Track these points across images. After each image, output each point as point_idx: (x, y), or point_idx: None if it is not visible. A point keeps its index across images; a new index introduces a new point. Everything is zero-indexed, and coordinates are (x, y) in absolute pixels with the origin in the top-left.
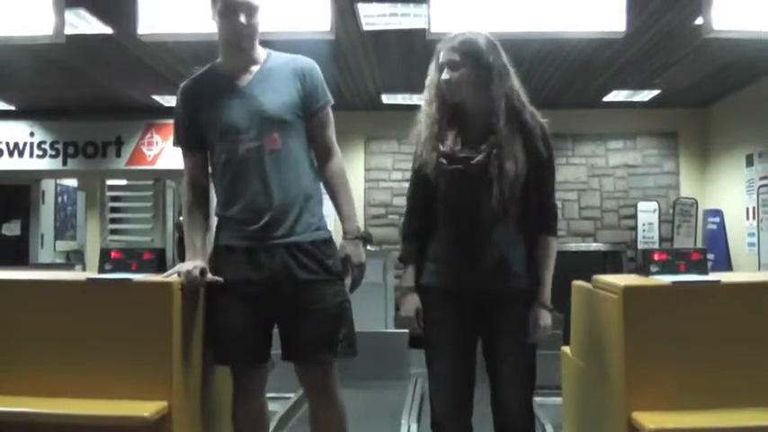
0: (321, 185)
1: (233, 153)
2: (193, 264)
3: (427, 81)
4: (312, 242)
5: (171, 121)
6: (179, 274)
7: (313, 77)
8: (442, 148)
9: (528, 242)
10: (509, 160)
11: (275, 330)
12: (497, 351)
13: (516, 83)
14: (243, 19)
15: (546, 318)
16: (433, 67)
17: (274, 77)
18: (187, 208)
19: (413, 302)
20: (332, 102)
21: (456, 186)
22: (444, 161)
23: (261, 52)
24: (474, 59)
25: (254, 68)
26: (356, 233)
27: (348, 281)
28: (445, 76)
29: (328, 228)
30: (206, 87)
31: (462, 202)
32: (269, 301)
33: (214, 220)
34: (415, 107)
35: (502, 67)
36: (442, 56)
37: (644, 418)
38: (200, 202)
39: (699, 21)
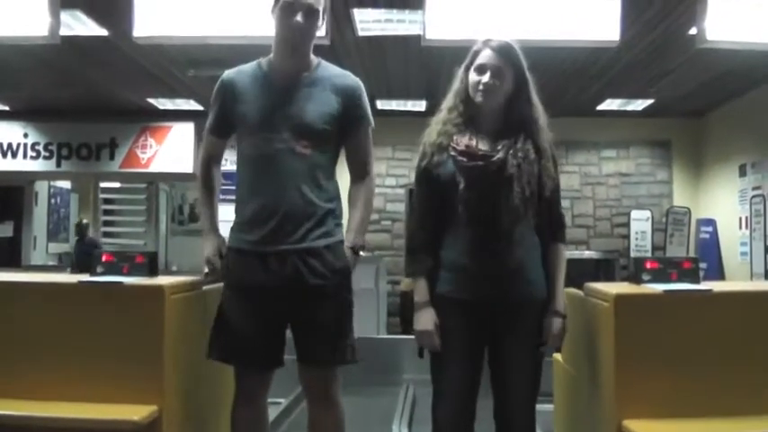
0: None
1: (261, 149)
2: (212, 247)
3: (454, 88)
4: (325, 246)
5: (165, 124)
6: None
7: (356, 97)
8: (458, 146)
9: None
10: (527, 159)
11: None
12: (507, 360)
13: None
14: (300, 18)
15: (560, 325)
16: (461, 72)
17: (319, 87)
18: (201, 184)
19: (430, 317)
20: (371, 124)
21: (475, 186)
22: (464, 159)
23: (312, 59)
24: (517, 70)
25: (303, 74)
26: (356, 246)
27: None
28: (487, 79)
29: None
30: (249, 81)
31: (482, 202)
32: (279, 305)
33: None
34: (411, 113)
35: (529, 79)
36: (486, 59)
37: (634, 426)
38: (214, 179)
39: (693, 31)
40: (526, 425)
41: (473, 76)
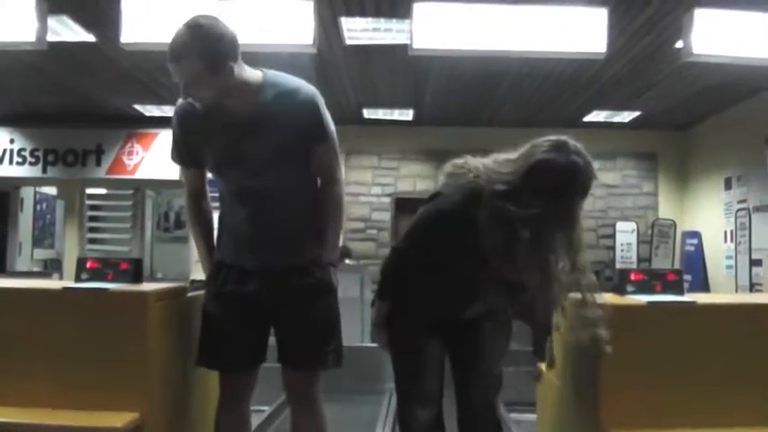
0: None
1: (228, 187)
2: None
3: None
4: (308, 260)
5: (152, 131)
6: None
7: (313, 114)
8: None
9: None
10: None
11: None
12: (470, 363)
13: None
14: (192, 94)
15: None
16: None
17: (270, 115)
18: (190, 217)
19: (383, 338)
20: (332, 136)
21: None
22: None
23: (252, 79)
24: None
25: (249, 105)
26: (332, 262)
27: None
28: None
29: None
30: (201, 115)
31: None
32: (263, 308)
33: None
34: (397, 122)
35: None
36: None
37: None
38: (203, 208)
39: (679, 44)
40: (482, 398)
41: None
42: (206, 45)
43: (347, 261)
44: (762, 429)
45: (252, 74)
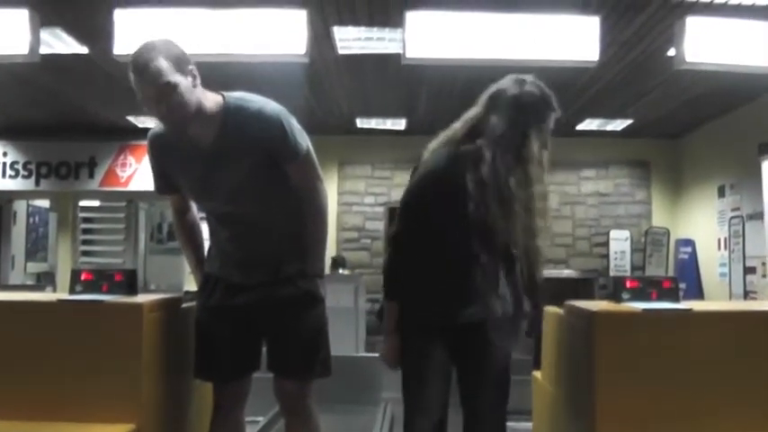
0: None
1: (208, 213)
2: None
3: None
4: (293, 273)
5: (144, 143)
6: None
7: (280, 133)
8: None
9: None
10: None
11: None
12: (478, 374)
13: None
14: (161, 108)
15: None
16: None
17: (236, 141)
18: (178, 233)
19: (395, 346)
20: (304, 151)
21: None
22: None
23: (214, 105)
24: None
25: (214, 131)
26: (317, 273)
27: None
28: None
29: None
30: (170, 146)
31: (461, 236)
32: (251, 319)
33: None
34: (390, 132)
35: None
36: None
37: None
38: (189, 222)
39: (671, 52)
40: None
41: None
42: (168, 46)
43: (341, 271)
44: None
45: (214, 99)
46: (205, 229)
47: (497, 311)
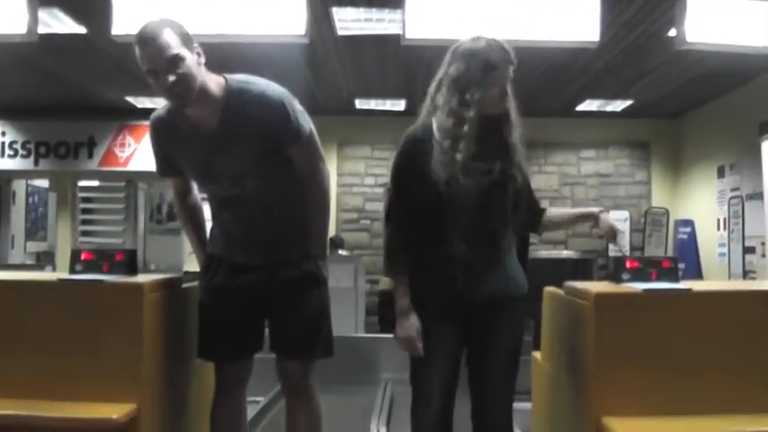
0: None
1: (211, 197)
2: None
3: (453, 103)
4: (296, 255)
5: (144, 123)
6: None
7: (283, 116)
8: (458, 159)
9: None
10: (520, 171)
11: None
12: (486, 359)
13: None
14: (168, 78)
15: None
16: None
17: (239, 125)
18: (180, 215)
19: (413, 323)
20: (307, 133)
21: (467, 196)
22: (461, 174)
23: (217, 87)
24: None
25: (217, 114)
26: (318, 255)
27: None
28: (508, 94)
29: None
30: (173, 129)
31: (473, 212)
32: (254, 300)
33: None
34: (390, 113)
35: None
36: (504, 70)
37: (614, 423)
38: (190, 204)
39: (672, 32)
40: (504, 424)
41: (496, 94)
42: (174, 23)
43: (340, 252)
44: (757, 416)
45: (216, 81)
46: (207, 209)
47: (506, 290)
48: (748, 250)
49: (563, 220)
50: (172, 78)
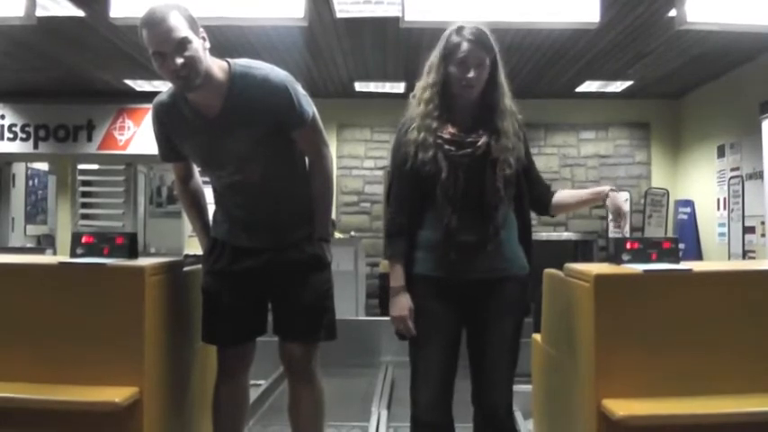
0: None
1: (214, 182)
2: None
3: (430, 80)
4: (299, 238)
5: (143, 106)
6: None
7: (287, 101)
8: (446, 135)
9: (520, 223)
10: (510, 142)
11: None
12: (486, 339)
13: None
14: (175, 60)
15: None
16: (437, 62)
17: (243, 109)
18: (182, 200)
19: (405, 303)
20: (310, 117)
21: (460, 172)
22: (453, 148)
23: (220, 73)
24: (492, 57)
25: (220, 99)
26: (322, 237)
27: None
28: (471, 75)
29: None
30: (176, 114)
31: (467, 187)
32: (257, 283)
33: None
34: (389, 95)
35: (500, 63)
36: (466, 53)
37: (613, 405)
38: (192, 189)
39: (672, 12)
40: (504, 406)
41: (455, 72)
42: (181, 6)
43: (339, 235)
44: (757, 396)
45: (220, 66)
46: (209, 193)
47: (503, 270)
48: (748, 230)
49: (575, 202)
50: (179, 61)
